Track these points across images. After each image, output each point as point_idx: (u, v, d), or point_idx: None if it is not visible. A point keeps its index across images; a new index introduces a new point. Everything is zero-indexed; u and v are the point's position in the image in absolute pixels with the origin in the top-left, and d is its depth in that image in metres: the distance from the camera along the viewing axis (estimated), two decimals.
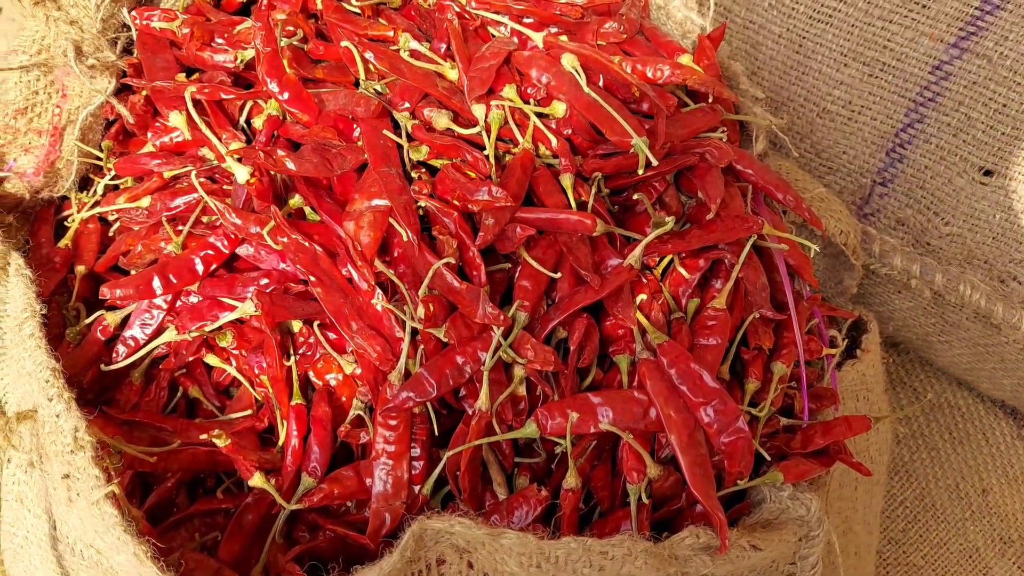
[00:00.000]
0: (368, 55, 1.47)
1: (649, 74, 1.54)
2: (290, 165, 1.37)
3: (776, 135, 1.72)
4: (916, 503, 2.37)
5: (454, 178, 1.39)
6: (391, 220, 1.39)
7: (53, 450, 1.36)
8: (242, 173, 1.38)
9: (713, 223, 1.47)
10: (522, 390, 1.40)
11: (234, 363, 1.54)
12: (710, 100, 1.57)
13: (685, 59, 1.59)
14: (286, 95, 1.44)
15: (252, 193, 1.40)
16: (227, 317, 1.40)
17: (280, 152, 1.37)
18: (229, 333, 1.44)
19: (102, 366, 1.51)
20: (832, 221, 1.76)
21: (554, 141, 1.45)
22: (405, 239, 1.36)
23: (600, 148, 1.49)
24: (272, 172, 1.42)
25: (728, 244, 1.49)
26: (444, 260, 1.34)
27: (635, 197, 1.45)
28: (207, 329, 1.42)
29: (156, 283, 1.47)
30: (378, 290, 1.37)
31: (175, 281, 1.47)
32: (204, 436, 1.35)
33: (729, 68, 1.68)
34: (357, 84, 1.58)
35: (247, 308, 1.39)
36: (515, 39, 1.57)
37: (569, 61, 1.48)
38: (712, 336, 1.44)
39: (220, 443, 1.34)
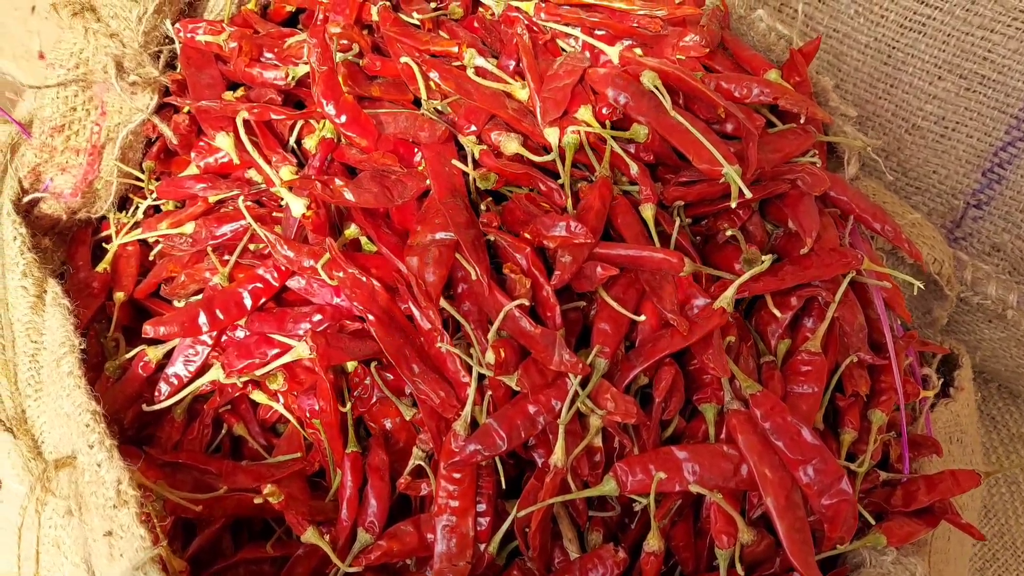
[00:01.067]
0: (433, 75, 1.34)
1: (736, 93, 1.40)
2: (349, 196, 1.25)
3: (868, 157, 1.58)
4: (995, 541, 2.22)
5: (527, 210, 1.27)
6: (457, 256, 1.27)
7: (94, 502, 1.26)
8: (298, 206, 1.26)
9: (808, 258, 1.33)
10: (598, 441, 1.28)
11: (281, 399, 1.44)
12: (801, 120, 1.43)
13: (773, 75, 1.45)
14: (343, 118, 1.32)
15: (308, 227, 1.29)
16: (280, 360, 1.29)
17: (338, 181, 1.26)
18: (280, 375, 1.34)
19: (144, 406, 1.41)
20: (925, 249, 1.62)
21: (634, 168, 1.32)
22: (474, 277, 1.24)
23: (683, 175, 1.36)
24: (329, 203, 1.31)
25: (823, 280, 1.36)
26: (517, 302, 1.22)
27: (728, 233, 1.32)
28: (257, 373, 1.31)
29: (202, 319, 1.37)
30: (444, 333, 1.25)
31: (222, 317, 1.37)
32: (258, 500, 1.24)
33: (818, 83, 1.54)
34: (416, 102, 1.46)
35: (301, 350, 1.28)
36: (587, 53, 1.45)
37: (650, 79, 1.35)
38: (807, 383, 1.31)
39: (274, 500, 1.23)
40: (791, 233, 1.41)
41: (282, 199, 1.49)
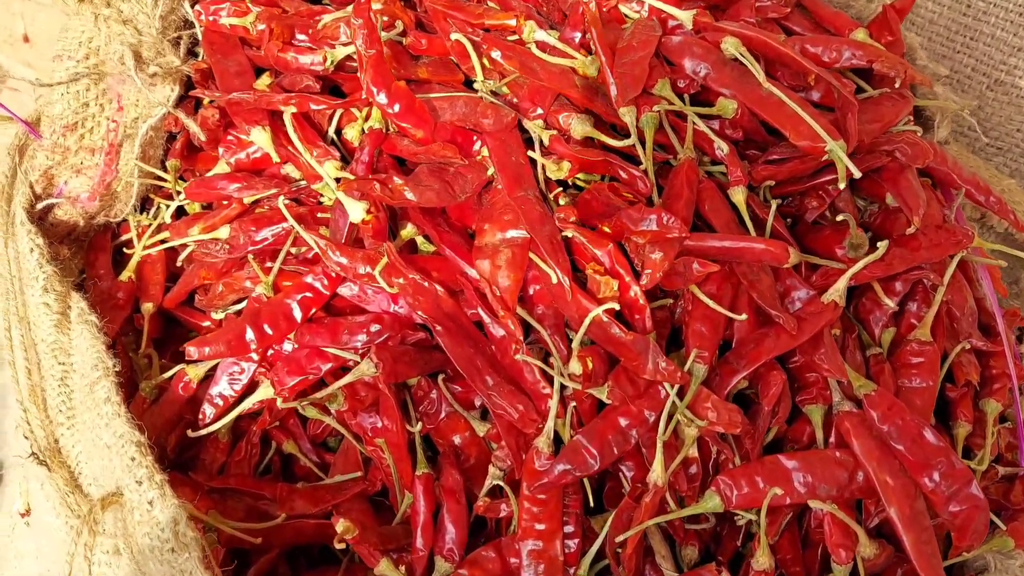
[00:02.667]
0: (495, 53, 1.20)
1: (824, 57, 1.27)
2: (410, 196, 1.12)
3: (959, 119, 1.45)
4: None
5: (607, 202, 1.14)
6: (532, 256, 1.14)
7: (147, 544, 1.15)
8: (356, 211, 1.13)
9: (915, 239, 1.21)
10: (693, 450, 1.17)
11: (334, 412, 1.32)
12: (896, 85, 1.29)
13: (861, 35, 1.31)
14: (397, 107, 1.18)
15: (368, 233, 1.16)
16: (342, 381, 1.17)
17: (397, 180, 1.12)
18: (340, 395, 1.21)
19: (189, 432, 1.29)
20: (1018, 215, 1.50)
21: (724, 147, 1.19)
22: (554, 280, 1.12)
23: (772, 152, 1.23)
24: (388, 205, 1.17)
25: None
26: (606, 306, 1.09)
27: (839, 219, 1.19)
28: (319, 395, 1.19)
29: (249, 335, 1.24)
30: (523, 343, 1.13)
31: (271, 332, 1.24)
32: (339, 546, 1.13)
33: (905, 40, 1.40)
34: (467, 83, 1.32)
35: (366, 369, 1.15)
36: (655, 20, 1.30)
37: (733, 46, 1.21)
38: (919, 376, 1.20)
39: (349, 536, 1.12)
40: (889, 210, 1.29)
41: (322, 195, 1.36)
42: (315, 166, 1.20)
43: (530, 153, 1.19)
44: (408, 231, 1.23)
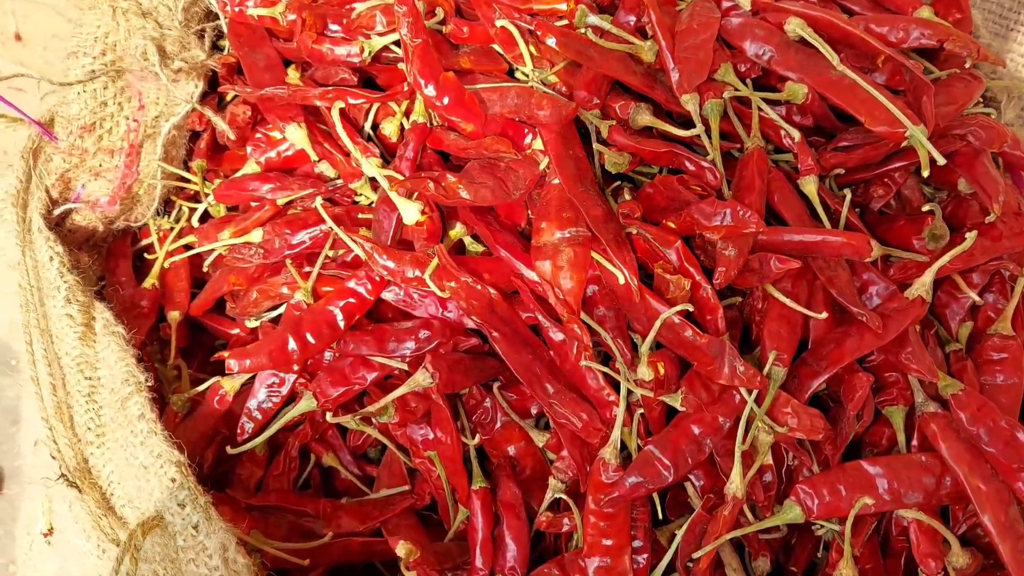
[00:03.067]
0: (550, 40, 1.12)
1: (891, 36, 1.20)
2: (464, 194, 1.05)
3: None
4: None
5: (675, 195, 1.07)
6: (594, 255, 1.07)
7: (193, 571, 1.09)
8: (411, 212, 1.06)
9: (994, 228, 1.14)
10: (768, 457, 1.10)
11: (375, 423, 1.25)
12: (967, 65, 1.22)
13: (926, 12, 1.24)
14: (446, 100, 1.11)
15: (422, 235, 1.08)
16: (396, 392, 1.10)
17: (450, 177, 1.05)
18: (391, 407, 1.14)
19: (228, 449, 1.22)
20: None
21: (795, 135, 1.12)
22: (621, 281, 1.05)
23: (843, 138, 1.16)
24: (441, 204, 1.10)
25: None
26: (681, 307, 1.02)
27: (925, 208, 1.13)
28: (371, 409, 1.12)
29: (292, 345, 1.17)
30: (590, 347, 1.06)
31: (314, 342, 1.17)
32: (407, 573, 1.06)
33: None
34: (510, 72, 1.25)
35: (421, 379, 1.08)
36: (711, 2, 1.23)
37: (798, 26, 1.14)
38: (1003, 373, 1.13)
39: (413, 559, 1.05)
40: (960, 197, 1.22)
41: (358, 195, 1.28)
42: (363, 165, 1.12)
43: (595, 145, 1.11)
44: (457, 231, 1.16)
